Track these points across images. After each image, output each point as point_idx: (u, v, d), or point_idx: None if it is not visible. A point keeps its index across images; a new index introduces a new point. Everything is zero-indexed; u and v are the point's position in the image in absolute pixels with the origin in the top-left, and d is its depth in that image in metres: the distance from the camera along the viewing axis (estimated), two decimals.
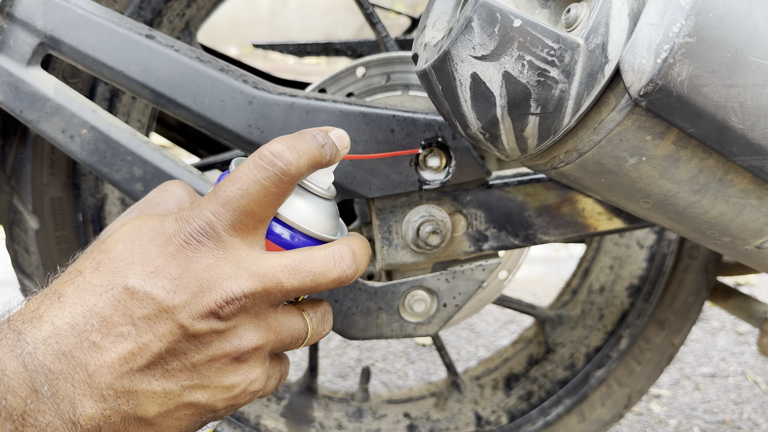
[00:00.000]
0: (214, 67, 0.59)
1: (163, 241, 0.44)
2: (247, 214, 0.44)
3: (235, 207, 0.44)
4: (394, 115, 0.62)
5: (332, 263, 0.46)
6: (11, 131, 0.71)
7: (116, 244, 0.44)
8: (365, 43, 0.96)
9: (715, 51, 0.40)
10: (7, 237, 0.77)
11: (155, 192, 0.51)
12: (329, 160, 0.48)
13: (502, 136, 0.47)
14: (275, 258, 0.45)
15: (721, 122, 0.42)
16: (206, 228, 0.44)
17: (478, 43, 0.44)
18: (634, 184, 0.47)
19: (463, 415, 0.93)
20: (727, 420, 1.29)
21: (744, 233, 0.50)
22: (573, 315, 0.93)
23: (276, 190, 0.44)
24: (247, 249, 0.44)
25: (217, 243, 0.44)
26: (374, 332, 0.68)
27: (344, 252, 0.46)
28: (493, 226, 0.67)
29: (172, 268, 0.43)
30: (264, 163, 0.44)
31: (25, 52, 0.58)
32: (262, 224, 0.45)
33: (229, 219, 0.44)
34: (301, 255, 0.45)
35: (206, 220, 0.44)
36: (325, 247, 0.46)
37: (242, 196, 0.44)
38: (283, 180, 0.44)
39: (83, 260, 0.45)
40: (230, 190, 0.44)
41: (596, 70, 0.42)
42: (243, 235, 0.44)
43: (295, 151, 0.45)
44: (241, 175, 0.44)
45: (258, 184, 0.44)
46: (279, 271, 0.44)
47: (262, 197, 0.44)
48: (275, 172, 0.44)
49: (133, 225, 0.45)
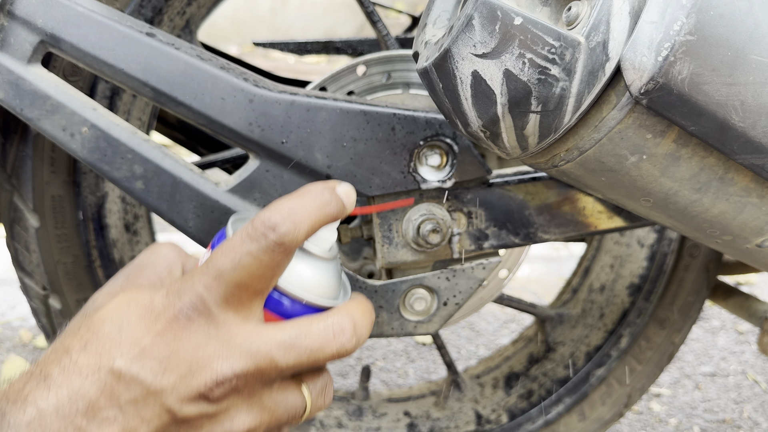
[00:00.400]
0: (215, 65, 0.59)
1: (152, 318, 0.42)
2: (241, 287, 0.42)
3: (227, 280, 0.42)
4: (395, 113, 0.62)
5: (331, 336, 0.43)
6: (12, 129, 0.71)
7: (104, 322, 0.42)
8: (366, 41, 0.96)
9: (716, 49, 0.40)
10: (7, 235, 0.77)
11: (144, 254, 0.50)
12: (333, 218, 0.45)
13: (502, 134, 0.47)
14: (269, 333, 0.42)
15: (722, 120, 0.42)
16: (197, 303, 0.41)
17: (479, 41, 0.44)
18: (635, 183, 0.47)
19: (463, 414, 0.93)
20: (728, 419, 1.29)
21: (745, 232, 0.50)
22: (573, 314, 0.93)
23: (270, 262, 0.42)
24: (241, 324, 0.42)
25: (208, 319, 0.42)
26: (375, 331, 0.68)
27: (344, 323, 0.44)
28: (494, 225, 0.67)
29: (160, 347, 0.41)
30: (257, 235, 0.42)
31: (25, 50, 0.58)
32: (257, 297, 0.43)
33: (221, 293, 0.42)
34: (297, 329, 0.43)
35: (197, 294, 0.42)
36: (323, 317, 0.44)
37: (234, 269, 0.41)
38: (277, 251, 0.42)
39: (71, 337, 0.43)
40: (222, 262, 0.42)
41: (597, 68, 0.42)
42: (237, 308, 0.42)
43: (291, 219, 0.43)
44: (233, 245, 0.42)
45: (251, 256, 0.41)
46: (273, 348, 0.42)
47: (256, 270, 0.42)
48: (268, 244, 0.42)
49: (122, 300, 0.43)
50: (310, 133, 0.61)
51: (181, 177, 0.60)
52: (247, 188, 0.61)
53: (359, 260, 0.78)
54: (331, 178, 0.62)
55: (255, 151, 0.61)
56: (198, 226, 0.61)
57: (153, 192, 0.60)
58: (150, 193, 0.60)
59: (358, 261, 0.78)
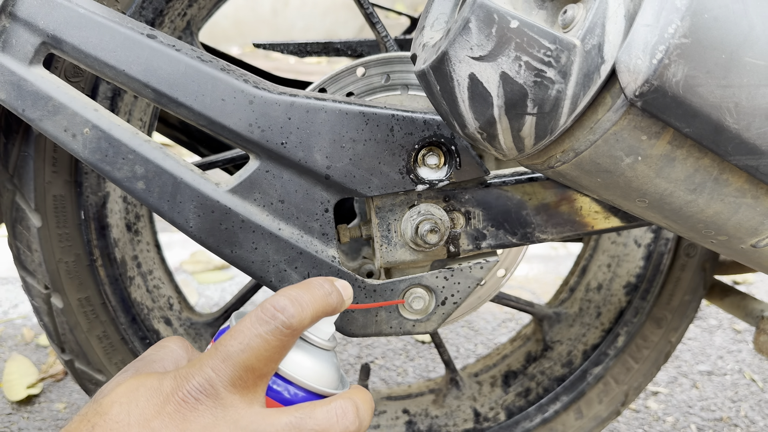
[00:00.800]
0: (215, 67, 0.60)
1: (160, 400, 0.43)
2: (248, 369, 0.43)
3: (235, 362, 0.43)
4: (394, 114, 0.63)
5: (335, 420, 0.45)
6: (14, 130, 0.71)
7: (113, 405, 0.43)
8: (365, 42, 0.97)
9: (711, 52, 0.40)
10: (9, 234, 0.77)
11: (152, 349, 0.51)
12: (334, 309, 0.48)
13: (499, 135, 0.48)
14: (275, 416, 0.44)
15: (717, 122, 0.42)
16: (205, 385, 0.43)
17: (476, 43, 0.44)
18: (630, 184, 0.48)
19: (461, 412, 0.93)
20: (724, 417, 1.29)
21: (740, 232, 0.51)
22: (571, 313, 0.94)
23: (277, 343, 0.44)
24: (246, 407, 0.44)
25: (215, 401, 0.43)
26: (373, 329, 0.69)
27: (347, 407, 0.45)
28: (492, 225, 0.67)
29: (168, 429, 0.42)
30: (266, 317, 0.44)
31: (27, 52, 0.59)
32: (262, 380, 0.45)
33: (229, 375, 0.43)
34: (302, 412, 0.44)
35: (205, 377, 0.43)
36: (327, 402, 0.46)
37: (243, 351, 0.43)
38: (285, 333, 0.44)
39: (78, 423, 0.44)
40: (230, 345, 0.44)
41: (592, 70, 0.43)
42: (243, 392, 0.44)
43: (298, 303, 0.45)
44: (242, 329, 0.44)
45: (259, 338, 0.44)
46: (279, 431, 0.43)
47: (263, 351, 0.44)
48: (277, 326, 0.44)
49: (131, 384, 0.45)
50: (310, 134, 0.61)
51: (182, 177, 0.61)
52: (248, 189, 0.62)
53: (358, 260, 0.78)
54: (331, 178, 0.62)
55: (255, 151, 0.62)
56: (198, 226, 0.61)
57: (154, 192, 0.61)
58: (151, 193, 0.61)
59: (357, 260, 0.78)
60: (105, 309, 0.80)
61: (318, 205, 0.63)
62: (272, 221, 0.63)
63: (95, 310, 0.79)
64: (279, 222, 0.63)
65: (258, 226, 0.62)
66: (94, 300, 0.79)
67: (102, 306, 0.80)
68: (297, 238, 0.64)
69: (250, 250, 0.63)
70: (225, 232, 0.62)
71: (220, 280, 1.76)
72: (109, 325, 0.80)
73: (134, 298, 0.82)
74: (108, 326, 0.80)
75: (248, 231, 0.62)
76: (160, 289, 0.86)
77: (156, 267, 0.85)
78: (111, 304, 0.80)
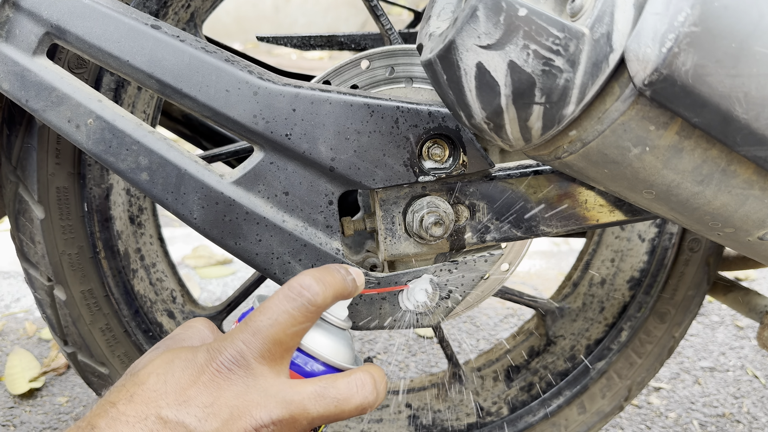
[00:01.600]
0: (220, 58, 0.60)
1: (195, 371, 0.47)
2: (276, 342, 0.47)
3: (264, 336, 0.47)
4: (398, 106, 0.62)
5: (355, 390, 0.49)
6: (17, 121, 0.71)
7: (150, 375, 0.47)
8: (369, 36, 0.97)
9: (720, 40, 0.40)
10: (12, 226, 0.77)
11: (181, 329, 0.55)
12: (350, 292, 0.52)
13: (506, 125, 0.47)
14: (301, 385, 0.48)
15: (726, 112, 0.42)
16: (237, 357, 0.47)
17: (484, 32, 0.44)
18: (638, 175, 0.48)
19: (464, 406, 0.93)
20: (727, 413, 1.29)
21: (747, 224, 0.50)
22: (574, 307, 0.94)
23: (303, 319, 0.48)
24: (274, 377, 0.48)
25: (246, 371, 0.47)
26: (377, 323, 0.69)
27: (366, 379, 0.49)
28: (496, 218, 0.67)
29: (203, 396, 0.46)
30: (293, 295, 0.48)
31: (31, 42, 0.59)
32: (288, 353, 0.48)
33: (259, 347, 0.47)
34: (325, 382, 0.48)
35: (237, 349, 0.47)
36: (347, 374, 0.50)
37: (272, 326, 0.47)
38: (310, 309, 0.48)
39: (116, 392, 0.47)
40: (260, 320, 0.47)
41: (601, 59, 0.42)
42: (271, 363, 0.47)
43: (322, 283, 0.49)
44: (270, 305, 0.48)
45: (287, 314, 0.47)
46: (305, 398, 0.47)
47: (290, 326, 0.47)
48: (303, 303, 0.48)
49: (166, 357, 0.48)
50: (314, 126, 0.61)
51: (186, 168, 0.61)
52: (252, 180, 0.62)
53: (361, 253, 0.78)
54: (335, 170, 0.62)
55: (259, 143, 0.61)
56: (202, 217, 0.61)
57: (158, 183, 0.60)
58: (155, 184, 0.60)
59: (361, 254, 0.78)
60: (108, 301, 0.80)
61: (322, 197, 0.63)
62: (276, 213, 0.63)
63: (98, 303, 0.79)
64: (283, 214, 0.63)
65: (262, 218, 0.62)
66: (97, 292, 0.79)
67: (105, 298, 0.79)
68: (301, 230, 0.63)
69: (254, 242, 0.62)
70: (229, 224, 0.62)
71: (222, 275, 1.76)
72: (112, 317, 0.80)
73: (137, 291, 0.82)
74: (111, 318, 0.80)
75: (252, 223, 0.62)
76: (163, 282, 0.85)
77: (159, 260, 0.85)
78: (114, 297, 0.80)
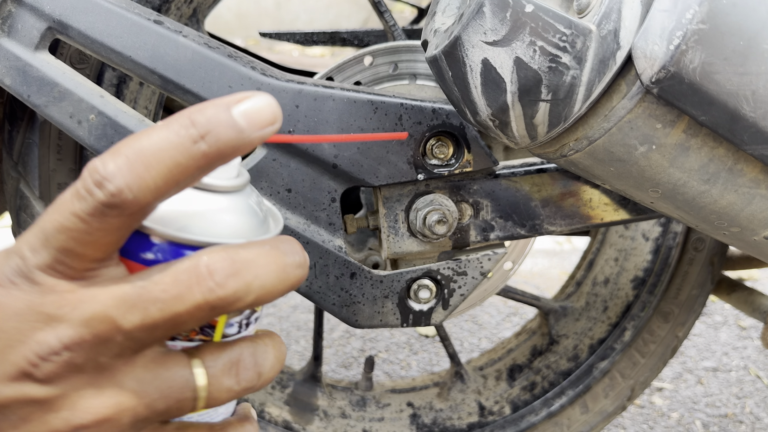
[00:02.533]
0: (222, 54, 0.59)
1: None
2: (68, 254, 0.31)
3: (52, 244, 0.31)
4: (402, 103, 0.62)
5: (193, 281, 0.31)
6: (18, 116, 0.71)
7: None
8: (372, 32, 0.96)
9: (729, 38, 0.40)
10: (13, 222, 0.77)
11: None
12: (212, 160, 0.31)
13: (512, 122, 0.47)
14: (108, 290, 0.32)
15: (733, 110, 0.42)
16: (21, 266, 0.32)
17: (490, 28, 0.44)
18: (644, 173, 0.47)
19: (466, 405, 0.93)
20: (729, 414, 1.29)
21: (753, 224, 0.50)
22: (577, 307, 0.93)
23: (105, 227, 0.31)
24: (75, 289, 0.32)
25: (32, 285, 0.32)
26: (379, 321, 0.68)
27: (215, 262, 0.31)
28: (500, 216, 0.67)
29: None
30: (83, 190, 0.30)
31: (33, 37, 0.58)
32: (95, 263, 0.32)
33: (46, 258, 0.32)
34: (144, 279, 0.32)
35: (22, 256, 0.32)
36: (186, 259, 0.32)
37: (59, 231, 0.31)
38: (110, 215, 0.30)
39: None
40: (47, 221, 0.32)
41: (608, 56, 0.42)
42: (69, 275, 0.32)
43: (132, 169, 0.30)
44: (61, 201, 0.32)
45: (76, 218, 0.31)
46: (110, 307, 0.31)
47: (85, 236, 0.31)
48: (95, 205, 0.30)
49: None
50: (318, 122, 0.61)
51: None
52: (254, 177, 0.61)
53: (364, 251, 0.77)
54: (338, 167, 0.62)
55: None
56: None
57: None
58: None
59: (363, 252, 0.78)
60: None
61: (325, 195, 0.63)
62: (278, 210, 0.62)
63: None
64: (285, 211, 0.63)
65: None
66: None
67: None
68: (303, 228, 0.63)
69: None
70: None
71: None
72: None
73: None
74: None
75: None
76: None
77: None
78: None
